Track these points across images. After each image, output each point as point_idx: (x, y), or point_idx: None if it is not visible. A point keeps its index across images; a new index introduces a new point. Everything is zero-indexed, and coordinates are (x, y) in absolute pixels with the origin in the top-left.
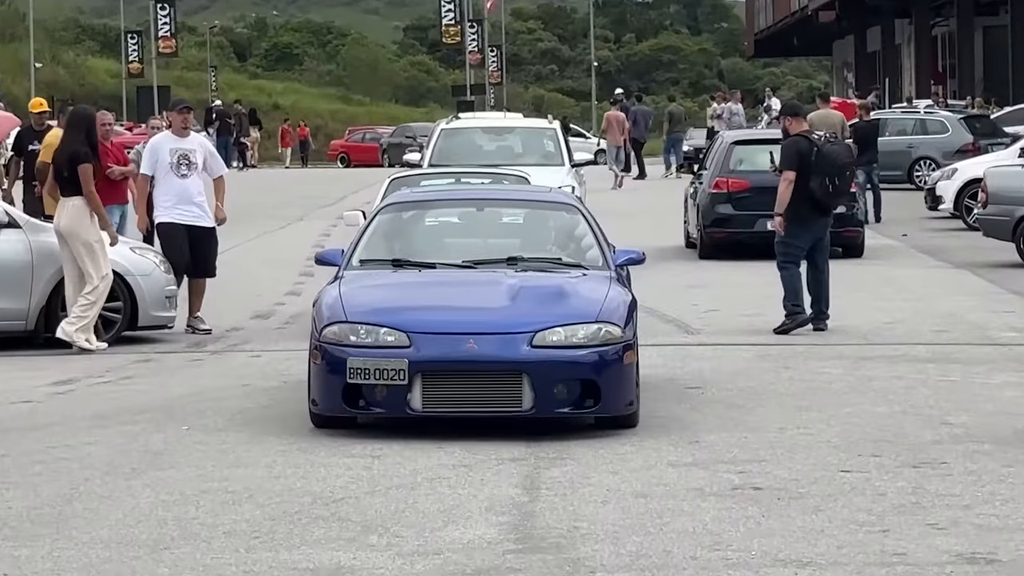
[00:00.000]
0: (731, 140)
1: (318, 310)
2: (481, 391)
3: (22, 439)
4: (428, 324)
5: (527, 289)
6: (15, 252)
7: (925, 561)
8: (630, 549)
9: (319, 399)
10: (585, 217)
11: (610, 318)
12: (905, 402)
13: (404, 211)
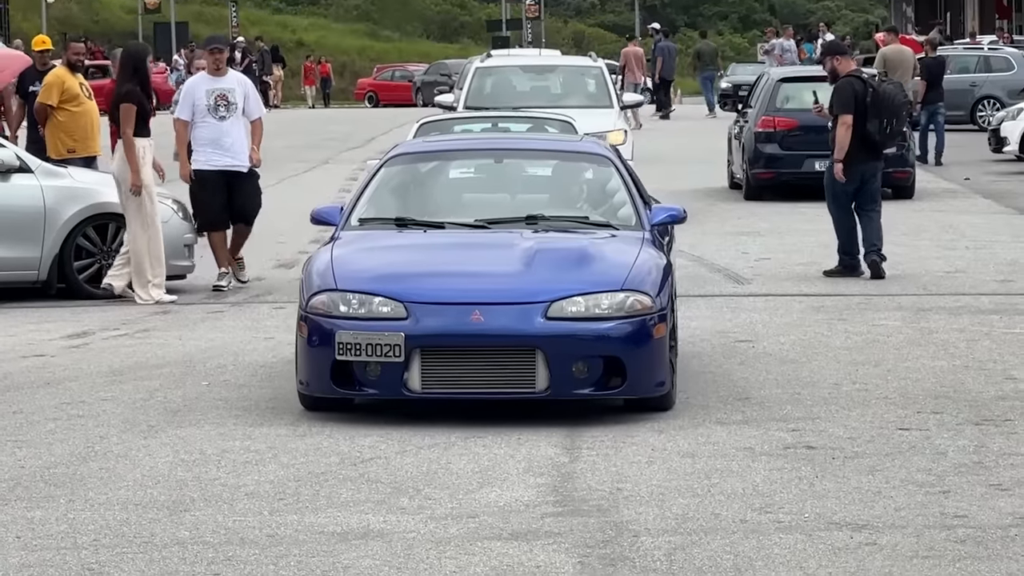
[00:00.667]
0: (778, 77)
1: (307, 276)
2: (488, 370)
3: (35, 395)
4: (429, 293)
5: (544, 253)
6: (27, 198)
7: (987, 524)
8: (676, 512)
9: (306, 378)
10: (618, 169)
11: (639, 286)
12: (967, 356)
13: (412, 163)
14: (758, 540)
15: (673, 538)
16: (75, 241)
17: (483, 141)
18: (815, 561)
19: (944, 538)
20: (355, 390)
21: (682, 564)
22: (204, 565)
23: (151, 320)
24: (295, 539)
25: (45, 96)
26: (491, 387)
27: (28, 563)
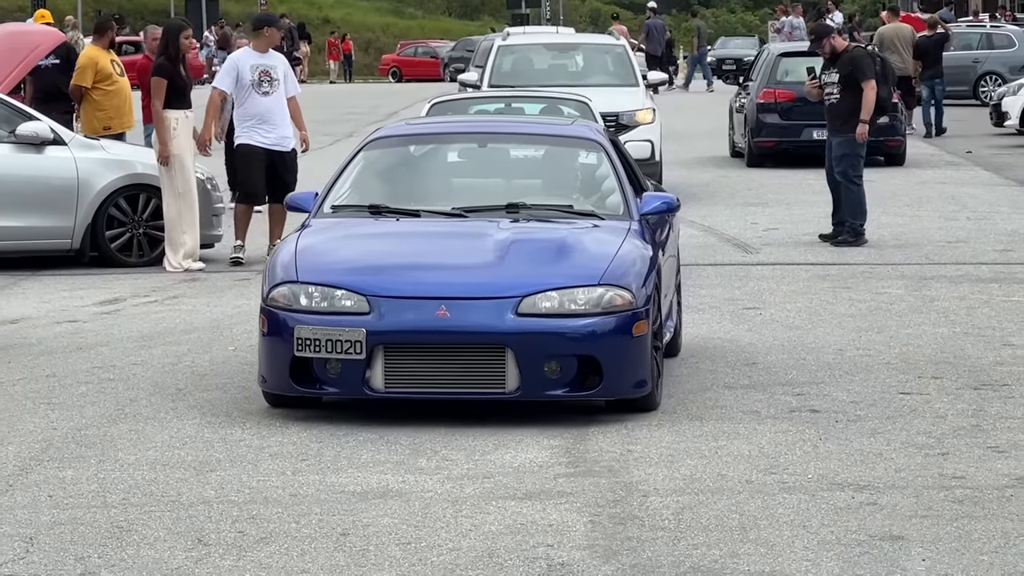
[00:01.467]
0: (778, 52)
1: (270, 267)
2: (455, 368)
3: (67, 359)
4: (393, 286)
5: (520, 244)
6: (60, 169)
7: (985, 485)
8: (684, 472)
9: (266, 375)
10: (609, 155)
11: (618, 280)
12: (967, 323)
13: (392, 147)
14: (763, 500)
15: (681, 498)
16: (107, 211)
17: (467, 125)
18: (818, 520)
19: (943, 498)
20: (315, 388)
21: (689, 523)
22: (229, 523)
23: (180, 287)
24: (316, 498)
25: (80, 78)
26: (458, 387)
27: (59, 520)
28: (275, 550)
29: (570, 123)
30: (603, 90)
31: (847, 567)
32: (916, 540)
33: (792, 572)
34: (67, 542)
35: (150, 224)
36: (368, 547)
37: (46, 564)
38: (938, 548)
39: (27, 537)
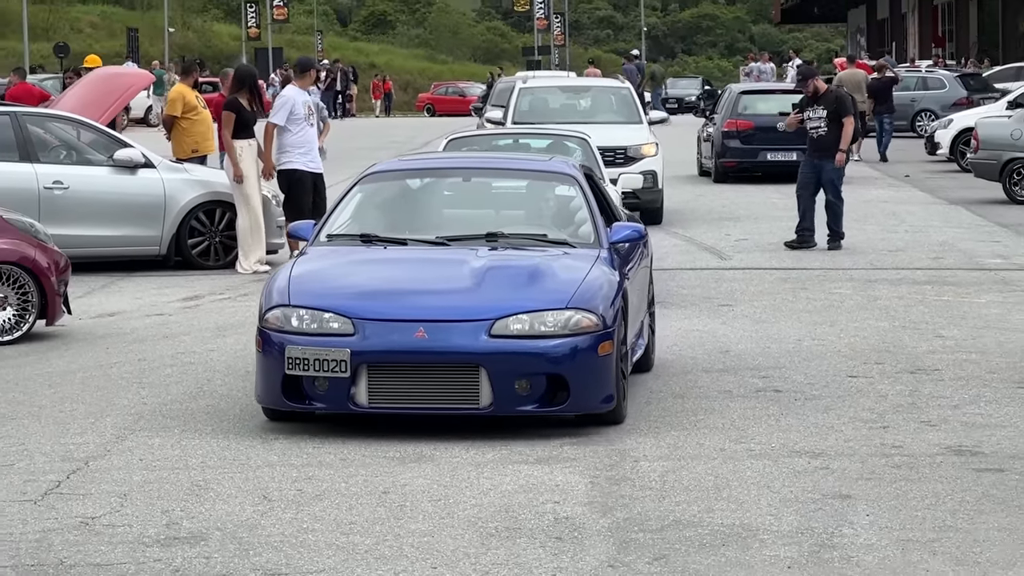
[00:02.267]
0: (739, 91)
1: (267, 291)
2: (433, 386)
3: (155, 346)
4: (377, 310)
5: (495, 270)
6: (150, 188)
7: (919, 452)
8: (668, 441)
9: (260, 390)
10: (583, 189)
11: (585, 304)
12: (905, 318)
13: (385, 181)
14: (734, 464)
15: (666, 463)
16: (189, 223)
17: (454, 161)
18: (779, 482)
19: (884, 464)
20: (304, 404)
21: (672, 483)
22: (289, 482)
23: (250, 286)
24: (362, 462)
25: (171, 109)
26: (436, 403)
27: (148, 480)
28: (327, 505)
29: (548, 159)
30: (611, 127)
31: (803, 520)
32: (861, 498)
33: (758, 524)
34: (154, 498)
35: (225, 234)
36: (405, 503)
37: (137, 516)
38: (880, 505)
39: (121, 494)
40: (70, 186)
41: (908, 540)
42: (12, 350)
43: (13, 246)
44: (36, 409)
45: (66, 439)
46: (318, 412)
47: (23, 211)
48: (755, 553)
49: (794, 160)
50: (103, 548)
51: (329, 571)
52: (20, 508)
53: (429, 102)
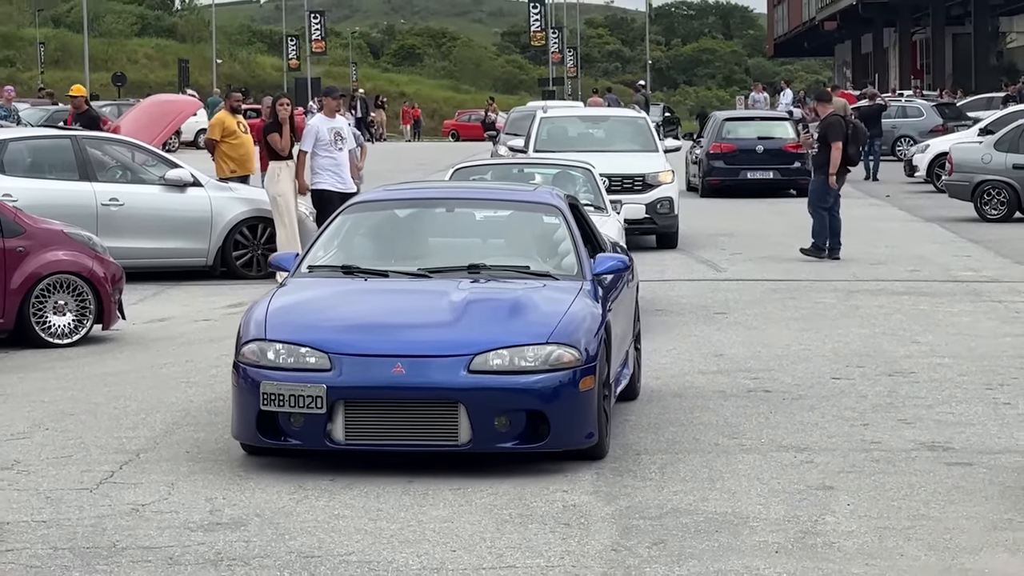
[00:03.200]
0: (723, 118)
1: (244, 324)
2: (410, 422)
3: (202, 349)
4: (353, 344)
5: (476, 304)
6: (199, 205)
7: (896, 448)
8: (667, 437)
9: (235, 426)
10: (567, 220)
11: (566, 338)
12: (884, 326)
13: (368, 211)
14: (727, 458)
15: (664, 456)
16: (234, 236)
17: (437, 191)
18: (768, 474)
19: (864, 458)
20: (280, 440)
21: (671, 475)
22: (322, 473)
23: None
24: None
25: (211, 133)
26: (414, 439)
27: (194, 471)
28: (357, 493)
29: (532, 189)
30: (629, 155)
31: (790, 509)
32: (843, 489)
33: (749, 513)
34: (199, 487)
35: (266, 246)
36: (427, 491)
37: (183, 503)
38: (860, 496)
39: (169, 483)
40: (125, 203)
41: (885, 527)
42: (71, 352)
43: (73, 258)
44: (92, 406)
45: (119, 433)
46: (293, 449)
47: (83, 226)
48: (746, 538)
49: (771, 178)
50: (152, 532)
51: (358, 554)
52: (77, 496)
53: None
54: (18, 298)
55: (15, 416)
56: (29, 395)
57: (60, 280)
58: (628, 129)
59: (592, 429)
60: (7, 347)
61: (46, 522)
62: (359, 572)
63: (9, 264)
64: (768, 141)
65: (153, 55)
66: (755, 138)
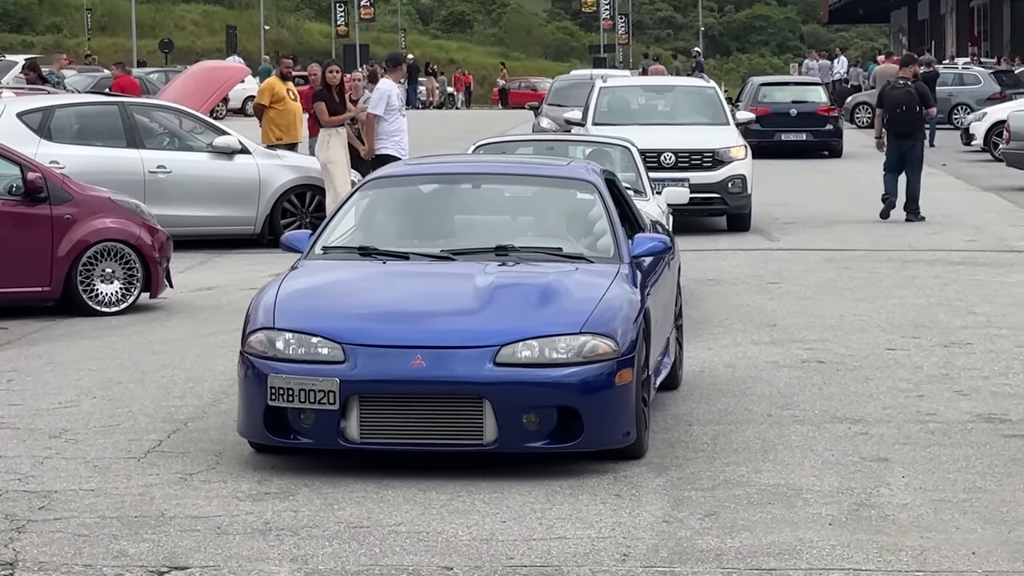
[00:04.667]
0: (759, 83)
1: (252, 310)
2: (432, 420)
3: None
4: (370, 334)
5: (503, 289)
6: (246, 173)
7: (952, 420)
8: (719, 408)
9: (241, 422)
10: (602, 196)
11: (602, 328)
12: (940, 295)
13: (388, 188)
14: (780, 429)
15: (717, 427)
16: (282, 204)
17: (463, 165)
18: (821, 445)
19: (918, 430)
20: (289, 438)
21: (723, 446)
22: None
23: None
24: None
25: (259, 98)
26: (435, 438)
27: (242, 441)
28: (406, 464)
29: (565, 164)
30: (697, 128)
31: (844, 481)
32: (898, 461)
33: (802, 484)
34: (247, 456)
35: (314, 215)
36: (478, 462)
37: (231, 471)
38: (915, 468)
39: (217, 452)
40: (173, 170)
41: (940, 500)
42: (119, 320)
43: (121, 225)
44: (140, 374)
45: (167, 402)
46: (304, 448)
47: (130, 193)
48: (799, 511)
49: (804, 140)
50: (200, 502)
51: (407, 524)
52: (125, 465)
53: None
54: (65, 266)
55: (63, 384)
56: (77, 363)
57: (107, 248)
58: (696, 100)
59: (629, 427)
60: (55, 315)
61: (94, 491)
62: (408, 543)
63: (57, 232)
64: (802, 105)
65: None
66: (789, 102)
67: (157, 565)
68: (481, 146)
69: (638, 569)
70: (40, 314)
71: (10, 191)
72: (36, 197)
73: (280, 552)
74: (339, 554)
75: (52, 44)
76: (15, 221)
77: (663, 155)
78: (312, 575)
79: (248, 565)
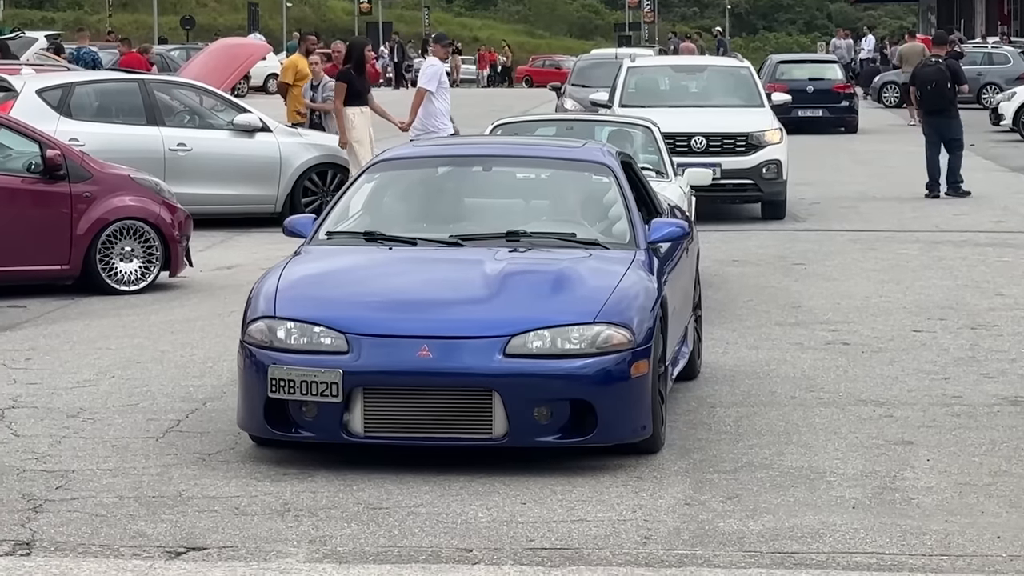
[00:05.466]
0: (777, 60)
1: (252, 298)
2: (439, 413)
3: None
4: (374, 323)
5: (514, 276)
6: (267, 151)
7: (977, 403)
8: (743, 389)
9: (241, 414)
10: (618, 180)
11: (616, 317)
12: (967, 277)
13: (394, 171)
14: (804, 412)
15: (740, 409)
16: (303, 183)
17: (472, 147)
18: (846, 428)
19: (944, 413)
20: (290, 432)
21: (746, 428)
22: None
23: None
24: None
25: (283, 76)
26: (442, 432)
27: None
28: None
29: (579, 146)
30: (730, 111)
31: (868, 464)
32: (923, 444)
33: (825, 467)
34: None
35: (336, 193)
36: None
37: (249, 452)
38: (940, 451)
39: (236, 432)
40: (193, 148)
41: (965, 484)
42: (138, 299)
43: (140, 203)
44: (159, 354)
45: (186, 382)
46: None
47: (150, 171)
48: (822, 494)
49: (820, 116)
50: (218, 482)
51: (427, 505)
52: (143, 444)
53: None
54: (84, 244)
55: (81, 364)
56: (95, 342)
57: (127, 226)
58: (729, 81)
59: (645, 421)
60: (73, 294)
61: (111, 470)
62: (427, 524)
63: (76, 210)
64: (818, 82)
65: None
66: (806, 79)
67: (175, 545)
68: (499, 125)
69: (659, 552)
70: (59, 293)
71: (29, 168)
72: (55, 175)
73: (298, 533)
74: (357, 535)
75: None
76: (34, 199)
77: (693, 139)
78: (330, 556)
79: (266, 546)
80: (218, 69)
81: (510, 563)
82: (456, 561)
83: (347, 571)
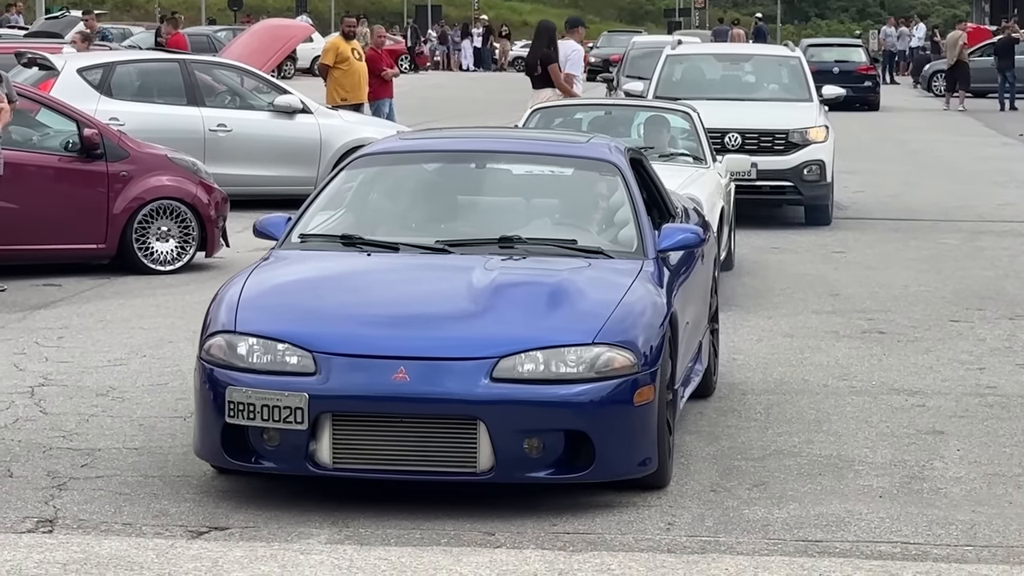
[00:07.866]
0: (807, 44)
1: (213, 309)
2: (416, 444)
3: None
4: (345, 341)
5: (505, 289)
6: (307, 132)
7: (1012, 393)
8: (775, 377)
9: (197, 440)
10: (626, 180)
11: (619, 337)
12: (1008, 268)
13: (378, 166)
14: (835, 400)
15: (771, 396)
16: None
17: (464, 142)
18: (877, 417)
19: (977, 403)
20: (250, 462)
21: (776, 416)
22: None
23: None
24: None
25: (323, 58)
26: (420, 465)
27: None
28: None
29: (584, 141)
30: (774, 104)
31: (897, 453)
32: (954, 434)
33: (854, 456)
34: None
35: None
36: None
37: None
38: (971, 441)
39: None
40: (233, 129)
41: (995, 474)
42: (173, 279)
43: (177, 183)
44: (192, 334)
45: None
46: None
47: (189, 151)
48: (850, 482)
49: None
50: None
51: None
52: (170, 424)
53: None
54: (121, 223)
55: (113, 342)
56: (128, 321)
57: (164, 206)
58: (777, 71)
59: (649, 454)
60: (109, 273)
61: (137, 449)
62: (450, 507)
63: (112, 189)
64: (844, 64)
65: None
66: (833, 61)
67: (197, 525)
68: (538, 109)
69: (682, 538)
70: (94, 271)
71: (66, 147)
72: (92, 153)
73: (320, 515)
74: (379, 518)
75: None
76: (71, 178)
77: (728, 135)
78: (352, 538)
79: (288, 527)
80: (260, 50)
81: (532, 547)
82: (478, 545)
83: (368, 553)
